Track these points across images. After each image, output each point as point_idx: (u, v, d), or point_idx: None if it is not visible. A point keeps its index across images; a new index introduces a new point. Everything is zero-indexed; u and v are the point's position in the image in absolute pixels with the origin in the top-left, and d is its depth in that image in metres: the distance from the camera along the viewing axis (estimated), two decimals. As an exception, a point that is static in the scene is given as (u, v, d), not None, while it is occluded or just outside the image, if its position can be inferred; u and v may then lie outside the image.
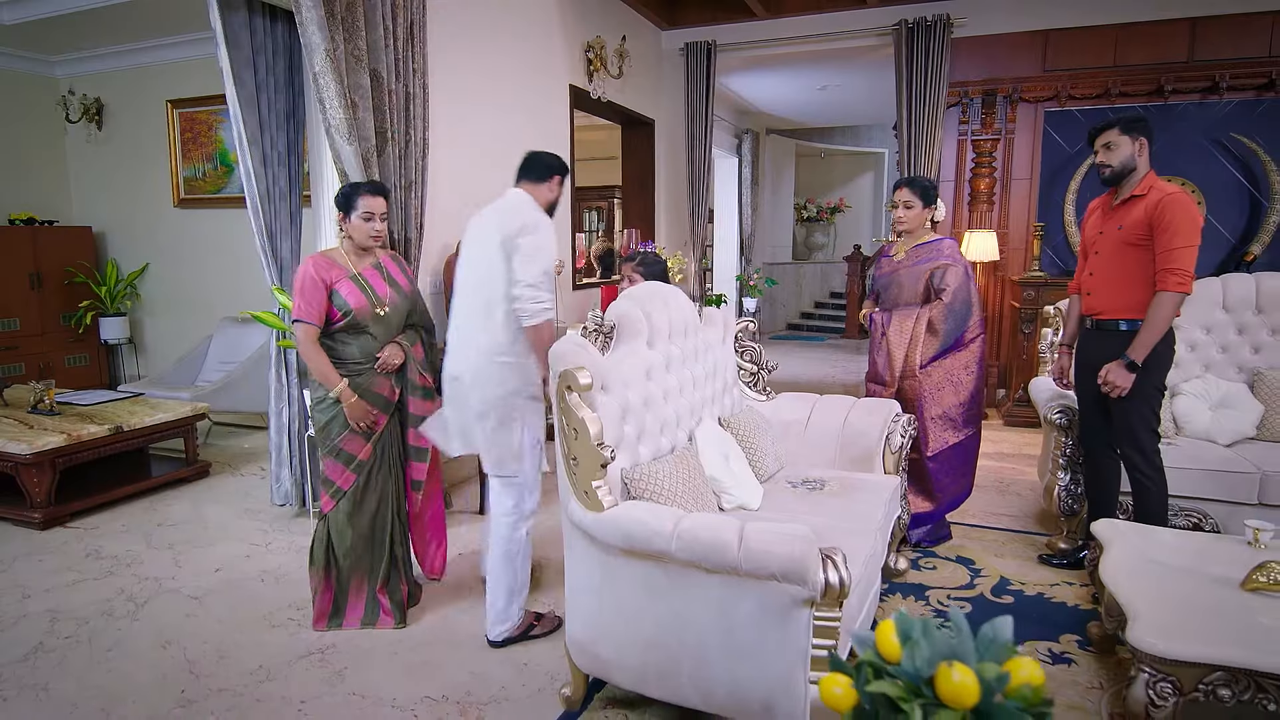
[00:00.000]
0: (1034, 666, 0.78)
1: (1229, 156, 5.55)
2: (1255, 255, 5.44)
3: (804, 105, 9.25)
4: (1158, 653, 1.84)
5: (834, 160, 12.70)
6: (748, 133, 9.71)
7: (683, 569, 1.88)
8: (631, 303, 2.50)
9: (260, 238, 3.67)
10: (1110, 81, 5.64)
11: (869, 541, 2.37)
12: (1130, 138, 2.82)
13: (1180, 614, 1.97)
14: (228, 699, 2.38)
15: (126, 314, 6.52)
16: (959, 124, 6.10)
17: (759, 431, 3.01)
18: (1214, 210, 5.61)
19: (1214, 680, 1.84)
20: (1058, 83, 5.77)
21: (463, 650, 2.65)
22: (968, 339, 3.41)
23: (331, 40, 3.12)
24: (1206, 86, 5.49)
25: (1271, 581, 2.06)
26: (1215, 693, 1.84)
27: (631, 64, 6.14)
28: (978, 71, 5.97)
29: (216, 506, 4.10)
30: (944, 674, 0.75)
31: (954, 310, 3.35)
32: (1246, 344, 3.68)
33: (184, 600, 3.04)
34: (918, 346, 3.36)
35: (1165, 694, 1.86)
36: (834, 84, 7.97)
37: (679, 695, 1.99)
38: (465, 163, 4.38)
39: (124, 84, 6.30)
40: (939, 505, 3.45)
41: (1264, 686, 1.81)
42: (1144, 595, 2.04)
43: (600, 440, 2.02)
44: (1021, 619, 2.83)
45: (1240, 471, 3.17)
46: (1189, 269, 2.72)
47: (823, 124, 10.96)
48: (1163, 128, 5.61)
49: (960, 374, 3.41)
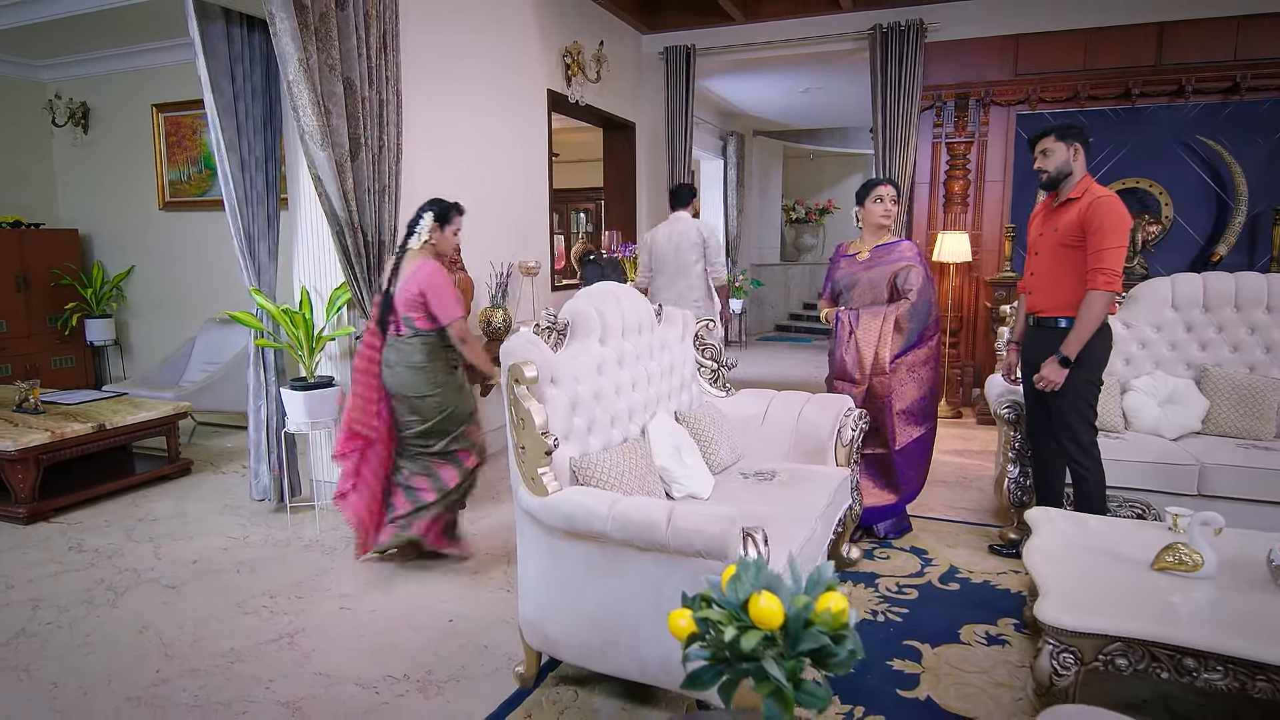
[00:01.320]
0: (841, 600, 0.94)
1: (1196, 159, 5.73)
2: (1221, 256, 5.62)
3: (788, 108, 9.44)
4: (1061, 625, 2.01)
5: (822, 162, 12.90)
6: (733, 135, 9.89)
7: (619, 549, 2.05)
8: (585, 301, 2.67)
9: (238, 240, 3.84)
10: (1080, 85, 5.82)
11: (808, 527, 2.53)
12: (1065, 144, 3.00)
13: (1088, 591, 2.14)
14: (200, 678, 2.55)
15: (112, 316, 6.69)
16: (933, 127, 6.29)
17: (715, 426, 3.17)
18: (1182, 212, 5.80)
19: (1112, 651, 2.00)
20: (1029, 86, 5.96)
21: (426, 634, 2.82)
22: (927, 336, 3.58)
23: (305, 50, 3.29)
24: (1173, 90, 5.68)
25: (1177, 561, 2.22)
26: (1113, 662, 2.01)
27: (610, 68, 6.32)
28: (951, 75, 6.16)
29: (197, 502, 4.26)
30: (754, 601, 0.91)
31: (918, 310, 3.52)
32: (1194, 341, 3.85)
33: (162, 589, 3.20)
34: (886, 344, 3.52)
35: (1067, 664, 2.02)
36: (815, 86, 8.15)
37: (620, 668, 2.16)
38: (442, 167, 4.55)
39: (110, 88, 6.48)
40: (901, 497, 3.62)
41: (1157, 656, 1.98)
42: (1056, 574, 2.21)
43: (545, 430, 2.19)
44: (965, 604, 3.01)
45: (1180, 464, 3.34)
46: (1117, 268, 2.89)
47: (809, 126, 11.14)
48: (1131, 131, 5.81)
49: (921, 369, 3.58)
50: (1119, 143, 5.85)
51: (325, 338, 3.88)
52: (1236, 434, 3.59)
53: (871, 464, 3.60)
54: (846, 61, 6.95)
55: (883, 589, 3.13)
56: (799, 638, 0.90)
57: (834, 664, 0.91)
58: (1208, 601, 2.09)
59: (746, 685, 0.91)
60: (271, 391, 4.00)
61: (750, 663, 0.89)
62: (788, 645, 0.91)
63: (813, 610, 0.91)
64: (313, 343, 3.81)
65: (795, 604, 0.91)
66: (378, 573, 3.33)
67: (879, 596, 3.07)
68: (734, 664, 0.90)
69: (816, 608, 0.91)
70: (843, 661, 0.92)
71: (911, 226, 6.49)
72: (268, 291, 3.96)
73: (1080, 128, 3.04)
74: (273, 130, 3.94)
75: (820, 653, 0.91)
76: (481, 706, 2.37)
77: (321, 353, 3.92)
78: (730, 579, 0.95)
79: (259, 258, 3.93)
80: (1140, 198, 5.85)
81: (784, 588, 0.94)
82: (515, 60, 5.29)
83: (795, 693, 0.90)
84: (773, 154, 12.00)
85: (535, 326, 2.48)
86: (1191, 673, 1.95)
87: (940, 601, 3.04)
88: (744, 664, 0.89)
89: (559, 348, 2.56)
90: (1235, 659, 1.90)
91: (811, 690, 0.91)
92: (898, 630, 2.81)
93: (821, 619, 0.90)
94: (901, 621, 2.87)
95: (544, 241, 5.76)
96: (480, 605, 3.03)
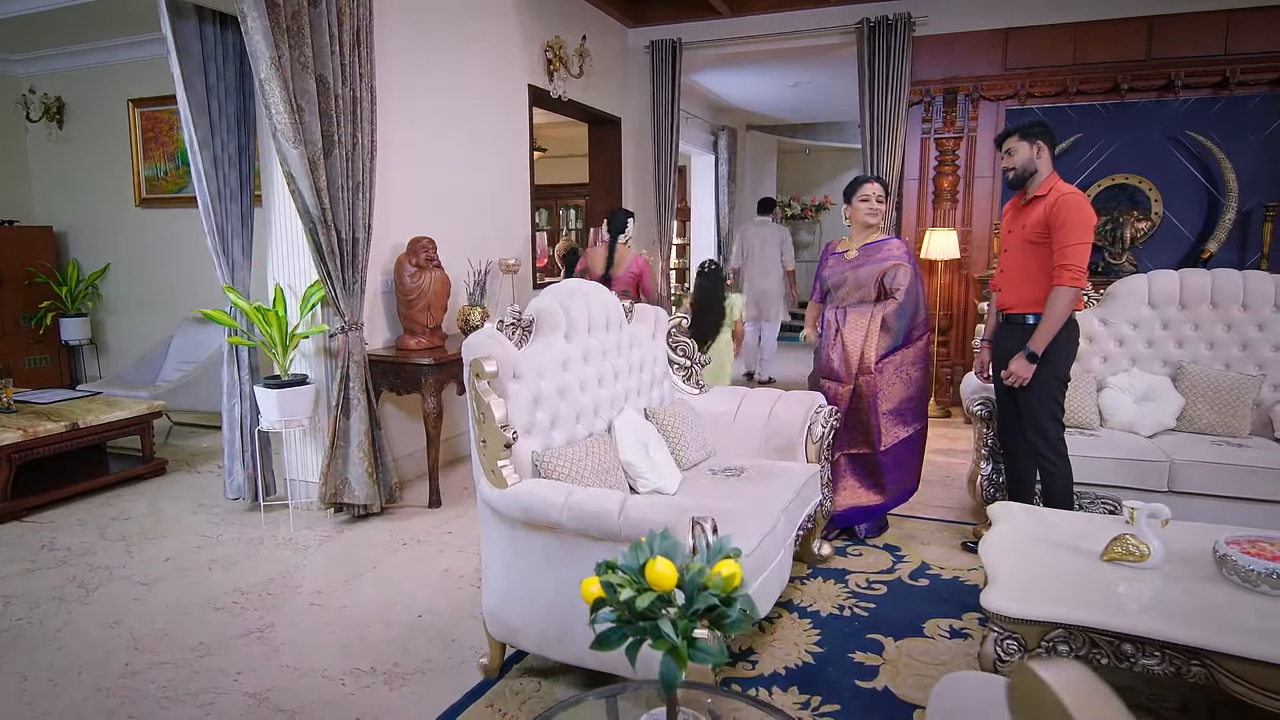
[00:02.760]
0: (733, 566, 1.07)
1: (1187, 155, 5.87)
2: (1212, 253, 5.76)
3: (779, 102, 9.58)
4: (1005, 613, 2.14)
5: (819, 156, 13.03)
6: (724, 129, 10.03)
7: (575, 539, 2.18)
8: (550, 298, 2.81)
9: (211, 238, 3.97)
10: (1069, 80, 5.96)
11: (769, 521, 2.66)
12: (1028, 143, 3.14)
13: (1035, 580, 2.27)
14: (168, 671, 2.67)
15: (88, 315, 6.81)
16: (922, 122, 6.43)
17: (685, 422, 3.30)
18: (1173, 208, 5.93)
19: (1054, 638, 2.13)
20: (1018, 81, 6.09)
21: (395, 628, 2.95)
22: (915, 336, 3.71)
23: (276, 48, 3.42)
24: (1163, 84, 5.81)
25: (1125, 552, 2.35)
26: (1055, 649, 2.14)
27: (593, 63, 6.45)
28: (939, 70, 6.30)
29: (171, 502, 4.39)
30: (650, 565, 1.04)
31: (905, 309, 3.65)
32: (1171, 339, 3.99)
33: (133, 586, 3.33)
34: (873, 344, 3.64)
35: (1010, 650, 2.15)
36: (805, 81, 8.29)
37: (577, 656, 2.29)
38: (419, 164, 4.69)
39: (85, 83, 6.61)
40: (888, 498, 3.74)
41: (1097, 642, 2.11)
42: (1006, 564, 2.34)
43: (504, 423, 2.32)
44: (932, 600, 3.14)
45: (1150, 460, 3.48)
46: (1082, 265, 3.03)
47: (803, 120, 11.27)
48: (1121, 126, 5.95)
49: (910, 369, 3.71)
50: (1109, 138, 5.99)
51: (299, 335, 4.00)
52: (1211, 431, 3.73)
53: (858, 464, 3.71)
54: (835, 55, 7.09)
55: (852, 585, 3.26)
56: (693, 599, 1.03)
57: (728, 624, 1.04)
58: (1150, 590, 2.21)
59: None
60: (245, 390, 4.13)
61: (648, 621, 1.02)
62: (685, 607, 1.03)
63: (706, 574, 1.04)
64: (286, 340, 3.94)
65: (690, 569, 1.04)
66: (351, 569, 3.46)
67: (847, 592, 3.20)
68: (634, 624, 1.03)
69: (710, 572, 1.04)
70: (735, 622, 1.04)
71: (900, 223, 6.63)
72: (241, 289, 4.09)
73: (1044, 126, 3.17)
74: (246, 127, 4.07)
75: (714, 613, 1.04)
76: (445, 697, 2.50)
77: (295, 350, 4.05)
78: (632, 547, 1.08)
79: (232, 255, 4.06)
80: (1130, 194, 5.99)
81: (681, 555, 1.07)
82: (495, 55, 5.42)
83: (690, 650, 1.02)
84: (766, 149, 12.14)
85: (499, 323, 2.61)
86: (1130, 658, 2.08)
87: (908, 597, 3.17)
88: (642, 623, 1.02)
89: (524, 344, 2.69)
90: (1170, 644, 2.03)
91: (704, 648, 1.03)
92: (862, 624, 2.94)
93: (713, 582, 1.03)
94: (867, 616, 3.00)
95: (526, 238, 5.89)
96: (450, 601, 3.16)
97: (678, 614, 1.03)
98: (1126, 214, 5.93)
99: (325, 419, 4.06)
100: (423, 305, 4.34)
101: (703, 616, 1.04)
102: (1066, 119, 6.05)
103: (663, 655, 1.03)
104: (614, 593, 1.04)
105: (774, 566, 2.66)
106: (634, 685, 1.32)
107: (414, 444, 4.69)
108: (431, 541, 3.77)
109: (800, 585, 3.24)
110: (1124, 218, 5.92)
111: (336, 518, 4.06)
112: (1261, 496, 3.36)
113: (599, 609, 1.08)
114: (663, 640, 1.02)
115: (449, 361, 4.14)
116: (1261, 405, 3.78)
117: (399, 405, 4.69)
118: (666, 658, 1.02)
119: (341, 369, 3.91)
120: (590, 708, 1.20)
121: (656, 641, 1.02)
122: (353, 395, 3.93)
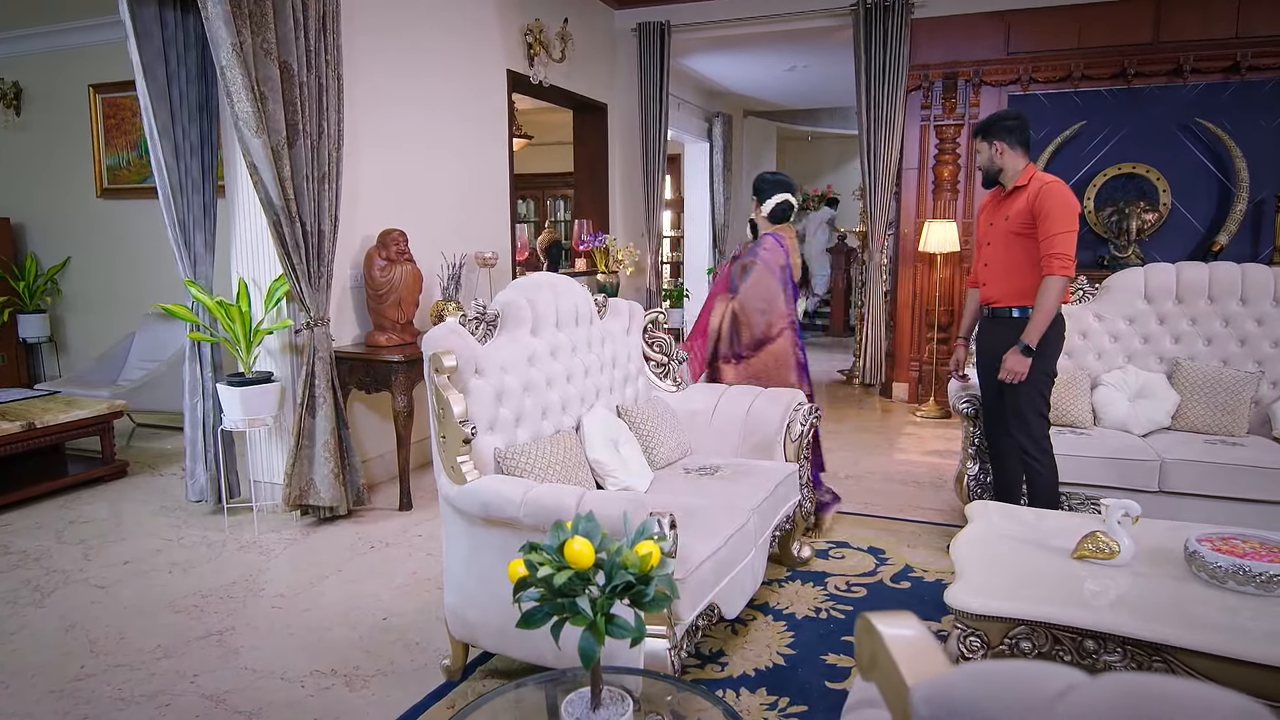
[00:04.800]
0: (651, 546, 1.18)
1: (1197, 143, 5.99)
2: (1222, 245, 5.88)
3: (776, 86, 9.71)
4: (969, 609, 2.26)
5: (822, 144, 13.15)
6: (719, 116, 10.15)
7: (532, 534, 2.29)
8: (516, 291, 2.92)
9: (173, 230, 4.09)
10: (1073, 64, 6.08)
11: (740, 519, 2.78)
12: (987, 143, 3.28)
13: (1001, 577, 2.38)
14: (124, 673, 2.79)
15: (46, 311, 6.93)
16: (920, 108, 6.55)
17: (660, 420, 3.42)
18: (1183, 199, 6.05)
19: (1017, 634, 2.25)
20: (1020, 66, 6.22)
21: (358, 631, 3.06)
22: (774, 334, 3.97)
23: (238, 35, 3.54)
24: (1171, 69, 5.93)
25: (1096, 549, 2.47)
26: (1018, 646, 2.25)
27: (577, 46, 6.57)
28: (939, 54, 6.42)
29: (131, 505, 4.50)
30: (568, 545, 1.16)
31: (745, 308, 3.96)
32: (1167, 334, 4.11)
33: (90, 589, 3.45)
34: (725, 339, 4.02)
35: (974, 647, 2.27)
36: (802, 65, 8.41)
37: (536, 654, 2.40)
38: (390, 153, 4.80)
39: (44, 67, 6.72)
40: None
41: (1060, 639, 2.22)
42: (974, 562, 2.46)
43: (464, 418, 2.43)
44: (913, 602, 3.26)
45: (1140, 460, 3.59)
46: (1069, 253, 3.15)
47: (804, 106, 11.40)
48: (1128, 113, 6.07)
49: (770, 365, 3.97)
50: (1115, 125, 6.12)
51: (263, 331, 4.12)
52: (1207, 429, 3.84)
53: None
54: (830, 39, 7.22)
55: (831, 587, 3.38)
56: (612, 576, 1.14)
57: (646, 603, 1.16)
58: (1116, 587, 2.33)
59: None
60: (208, 388, 4.25)
61: (567, 599, 1.13)
62: (604, 586, 1.15)
63: (623, 554, 1.15)
64: (250, 337, 4.05)
65: (610, 550, 1.15)
66: (316, 573, 3.57)
67: (826, 595, 3.31)
68: (554, 601, 1.14)
69: (627, 552, 1.15)
70: (654, 601, 1.16)
71: (899, 215, 6.75)
72: (204, 283, 4.20)
73: (1000, 123, 3.29)
74: (209, 115, 4.19)
75: (632, 591, 1.15)
76: (406, 699, 2.61)
77: (260, 347, 4.17)
78: (554, 528, 1.19)
79: (194, 248, 4.18)
80: (1137, 183, 6.11)
81: (599, 535, 1.18)
82: (470, 39, 5.54)
83: (608, 626, 1.14)
84: (765, 136, 12.26)
85: (462, 316, 2.72)
86: (1092, 654, 2.20)
87: (889, 600, 3.29)
88: (561, 600, 1.13)
89: (489, 338, 2.80)
90: (1132, 640, 2.14)
91: (622, 624, 1.15)
92: (838, 627, 3.06)
93: (630, 561, 1.14)
94: (844, 619, 3.12)
95: (505, 231, 6.01)
96: (416, 604, 3.28)
97: (598, 592, 1.15)
98: (1133, 205, 6.05)
99: (290, 418, 4.17)
100: (393, 300, 4.46)
101: (621, 594, 1.15)
102: (1071, 105, 6.17)
103: (582, 631, 1.14)
104: (535, 571, 1.15)
105: (744, 566, 2.77)
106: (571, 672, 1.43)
107: (385, 445, 4.81)
108: (399, 544, 3.88)
109: (778, 588, 3.36)
110: (1130, 209, 6.04)
111: (302, 520, 4.17)
112: (1256, 496, 3.47)
113: (523, 589, 1.19)
114: (580, 617, 1.13)
115: (420, 359, 4.21)
116: (1260, 403, 3.89)
117: (369, 404, 4.80)
118: (586, 633, 1.13)
119: (307, 366, 4.03)
120: (522, 693, 1.31)
121: (575, 618, 1.14)
122: (318, 393, 4.04)
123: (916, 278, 6.74)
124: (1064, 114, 6.18)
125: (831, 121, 12.44)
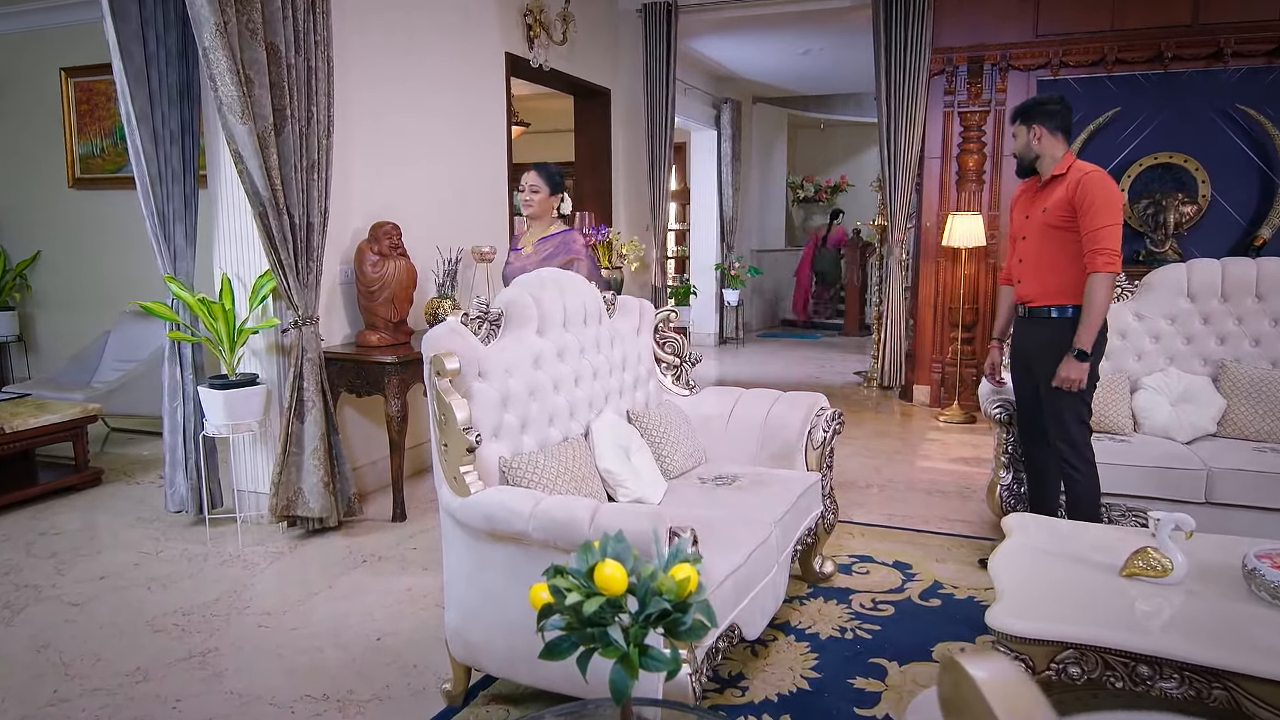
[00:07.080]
0: (689, 570, 1.13)
1: (1238, 130, 5.95)
2: (1265, 240, 5.84)
3: (788, 71, 9.66)
4: (1012, 631, 2.21)
5: (835, 132, 13.11)
6: (728, 102, 10.10)
7: (543, 551, 2.25)
8: (520, 289, 2.88)
9: (151, 222, 4.04)
10: (1107, 47, 6.03)
11: (762, 534, 2.73)
12: (1025, 127, 3.23)
13: (1046, 597, 2.34)
14: (101, 698, 2.74)
15: (15, 308, 6.88)
16: (944, 94, 6.50)
17: (673, 426, 3.37)
18: (1222, 190, 6.01)
19: (1064, 659, 2.20)
20: (1050, 49, 6.17)
21: (351, 652, 3.02)
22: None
23: (222, 14, 3.49)
24: (1211, 53, 5.88)
25: (1146, 566, 2.42)
26: (1066, 671, 2.21)
27: (579, 28, 6.53)
28: (963, 37, 6.37)
29: (107, 515, 4.46)
30: (598, 569, 1.11)
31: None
32: (1212, 334, 4.06)
33: (63, 607, 3.40)
34: None
35: (1018, 672, 2.22)
36: (816, 48, 8.37)
37: (547, 680, 2.36)
38: (382, 141, 4.76)
39: (12, 50, 6.67)
40: None
41: (1111, 664, 2.18)
42: (1015, 579, 2.41)
43: (468, 426, 2.38)
44: (944, 621, 3.22)
45: (1186, 468, 3.55)
46: (1115, 247, 3.10)
47: (817, 92, 11.35)
48: (1165, 99, 6.02)
49: None
50: (1151, 112, 6.07)
51: (248, 330, 4.07)
52: (1255, 436, 3.80)
53: None
54: (848, 20, 7.17)
55: (856, 605, 3.33)
56: (646, 604, 1.09)
57: (682, 632, 1.11)
58: (1170, 607, 2.29)
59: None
60: (189, 391, 4.20)
61: (596, 628, 1.08)
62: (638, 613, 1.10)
63: (658, 579, 1.10)
64: (234, 336, 4.00)
65: (643, 573, 1.11)
66: (304, 589, 3.52)
67: (850, 613, 3.27)
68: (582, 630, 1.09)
69: (663, 577, 1.11)
70: (691, 630, 1.11)
71: (921, 207, 6.70)
72: (185, 279, 4.16)
73: (1041, 105, 3.25)
74: (190, 100, 4.14)
75: (667, 620, 1.10)
76: (404, 726, 2.57)
77: (244, 347, 4.12)
78: (581, 549, 1.14)
79: (174, 241, 4.13)
80: (1175, 174, 6.07)
81: (630, 558, 1.13)
82: (467, 20, 5.49)
83: (641, 658, 1.09)
84: (776, 123, 12.21)
85: (464, 316, 2.68)
86: (1147, 681, 2.15)
87: (917, 618, 3.24)
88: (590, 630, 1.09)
89: (491, 339, 2.76)
90: (1190, 665, 2.10)
91: (657, 655, 1.10)
92: (865, 648, 3.01)
93: (666, 587, 1.10)
94: (870, 639, 3.07)
95: (504, 223, 5.97)
96: (412, 623, 3.23)
97: (630, 621, 1.10)
98: (1170, 197, 6.00)
99: (277, 423, 4.12)
100: (386, 297, 4.41)
101: (656, 623, 1.10)
102: (1104, 91, 6.12)
103: (613, 664, 1.09)
104: (561, 598, 1.10)
105: (766, 583, 2.73)
106: (593, 704, 1.39)
107: (377, 451, 4.76)
108: (393, 558, 3.84)
109: (799, 606, 3.31)
110: (1168, 201, 6.00)
111: (289, 532, 4.12)
112: (1309, 509, 3.43)
113: (547, 616, 1.14)
114: (612, 648, 1.08)
115: (415, 360, 4.21)
116: (1312, 408, 3.85)
117: (360, 408, 4.75)
118: (617, 666, 1.09)
119: (295, 368, 3.98)
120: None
121: (605, 649, 1.09)
122: (307, 397, 3.99)
123: (939, 274, 6.69)
124: (1097, 100, 6.13)
125: (845, 108, 12.39)
